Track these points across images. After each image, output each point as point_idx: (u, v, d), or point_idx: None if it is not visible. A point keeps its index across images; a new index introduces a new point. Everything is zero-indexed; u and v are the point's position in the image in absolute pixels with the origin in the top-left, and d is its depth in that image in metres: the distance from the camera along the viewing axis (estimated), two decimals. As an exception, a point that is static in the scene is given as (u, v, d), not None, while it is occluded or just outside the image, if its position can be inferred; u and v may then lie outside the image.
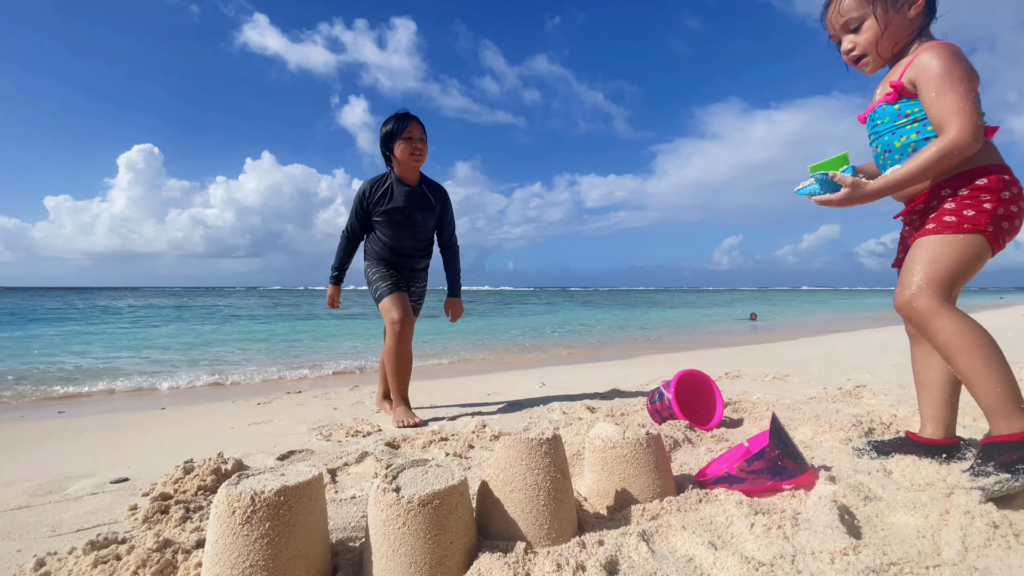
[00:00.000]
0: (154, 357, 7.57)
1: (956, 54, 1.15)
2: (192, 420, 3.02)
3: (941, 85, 1.11)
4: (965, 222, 1.16)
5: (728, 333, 10.65)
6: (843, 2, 1.27)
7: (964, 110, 1.09)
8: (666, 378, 2.46)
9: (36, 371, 6.02)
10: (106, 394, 4.57)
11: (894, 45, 1.24)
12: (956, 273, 1.16)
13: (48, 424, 3.10)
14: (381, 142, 2.61)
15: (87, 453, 2.18)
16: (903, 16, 1.22)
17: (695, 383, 2.01)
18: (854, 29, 1.27)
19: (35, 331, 12.53)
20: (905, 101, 1.21)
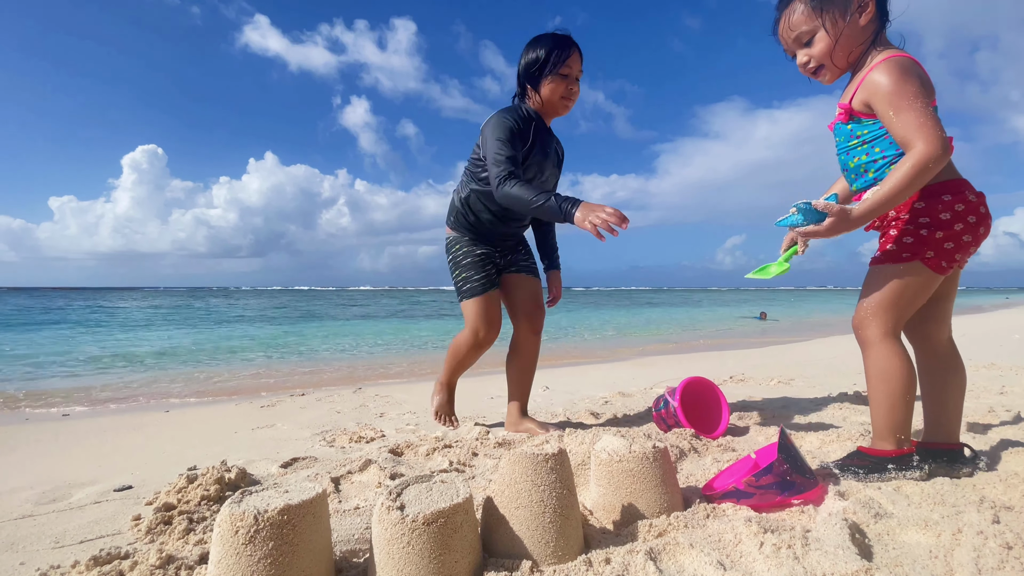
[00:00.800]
0: (157, 358, 7.59)
1: (905, 69, 1.12)
2: (196, 423, 3.02)
3: (897, 103, 1.09)
4: (904, 251, 1.17)
5: (736, 335, 10.61)
6: (792, 16, 1.25)
7: (926, 124, 1.07)
8: (671, 384, 2.45)
9: (41, 372, 6.05)
10: (110, 396, 4.58)
11: (848, 54, 1.23)
12: (900, 304, 1.18)
13: (52, 427, 3.10)
14: (523, 69, 1.97)
15: (91, 458, 2.18)
16: (854, 25, 1.20)
17: (701, 390, 2.00)
18: (806, 43, 1.25)
19: (40, 332, 12.59)
20: (856, 122, 1.20)
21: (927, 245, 1.15)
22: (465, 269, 2.10)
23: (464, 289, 2.10)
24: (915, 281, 1.17)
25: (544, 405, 3.01)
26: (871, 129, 1.18)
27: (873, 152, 1.19)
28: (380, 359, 6.85)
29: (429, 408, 2.77)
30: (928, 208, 1.16)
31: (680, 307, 26.67)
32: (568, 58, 1.91)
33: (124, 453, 2.26)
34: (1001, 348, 5.04)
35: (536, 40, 1.96)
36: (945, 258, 1.16)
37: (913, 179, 1.07)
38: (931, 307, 1.24)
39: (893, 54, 1.17)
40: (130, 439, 2.58)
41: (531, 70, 1.95)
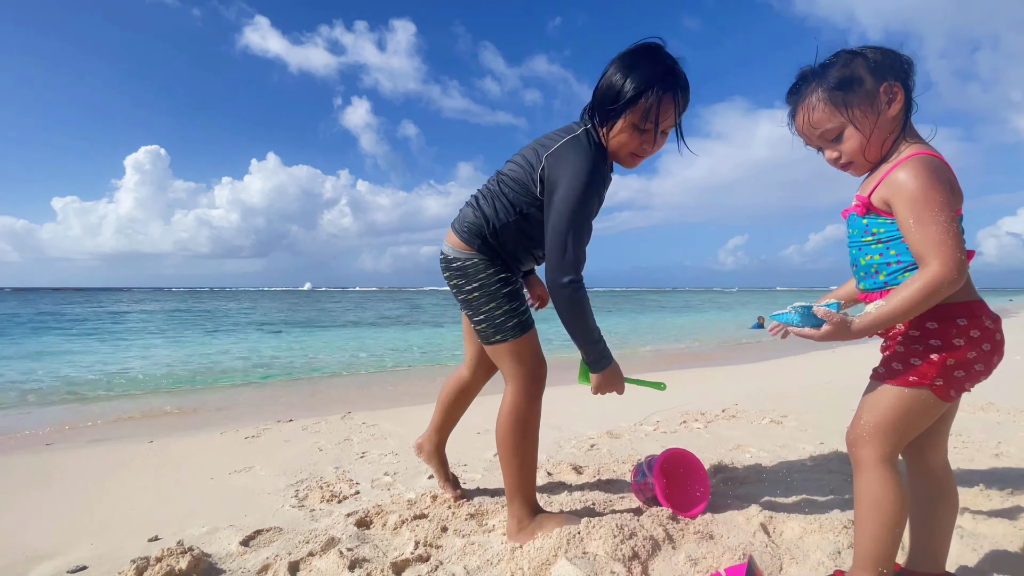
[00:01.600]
0: (150, 373, 7.58)
1: (935, 172, 1.03)
2: (177, 460, 2.98)
3: (919, 213, 1.00)
4: (912, 374, 1.09)
5: (734, 347, 10.52)
6: (813, 114, 1.15)
7: (946, 243, 0.98)
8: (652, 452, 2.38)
9: (36, 388, 6.03)
10: (99, 415, 4.55)
11: (882, 146, 1.13)
12: (901, 428, 1.11)
13: (31, 462, 3.06)
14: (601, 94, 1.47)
15: (56, 517, 2.13)
16: (885, 117, 1.10)
17: (681, 462, 1.93)
18: (834, 139, 1.16)
19: (40, 340, 12.63)
20: (873, 218, 1.12)
21: (937, 372, 1.07)
22: (506, 300, 1.64)
23: (509, 325, 1.63)
24: (920, 407, 1.10)
25: (529, 447, 2.94)
26: (888, 229, 1.10)
27: (888, 254, 1.11)
28: (374, 377, 6.80)
29: (411, 445, 2.72)
30: (941, 330, 1.07)
31: (681, 312, 26.58)
32: (662, 107, 1.41)
33: (92, 511, 2.21)
34: (1002, 376, 4.93)
35: (633, 61, 1.43)
36: (954, 387, 1.09)
37: (922, 300, 1.00)
38: (929, 428, 1.16)
39: (922, 151, 1.08)
40: (102, 488, 2.53)
41: (606, 103, 1.46)
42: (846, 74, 1.11)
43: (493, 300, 1.64)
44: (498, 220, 1.62)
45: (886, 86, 1.10)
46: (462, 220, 1.70)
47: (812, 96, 1.15)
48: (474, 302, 1.66)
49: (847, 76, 1.11)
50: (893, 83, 1.10)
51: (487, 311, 1.65)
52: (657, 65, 1.42)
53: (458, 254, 1.67)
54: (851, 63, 1.11)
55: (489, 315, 1.65)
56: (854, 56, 1.12)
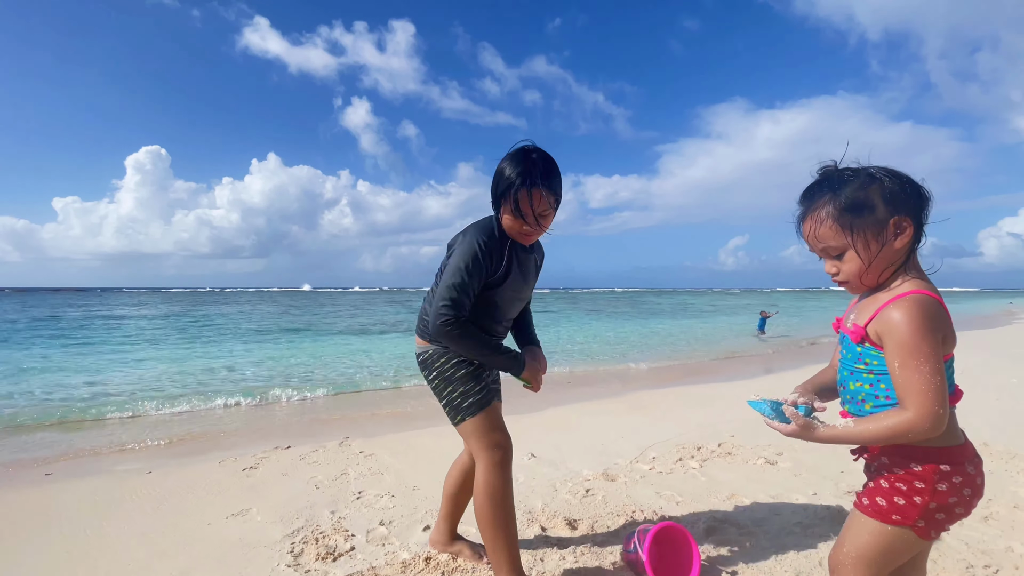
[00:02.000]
0: (144, 390, 7.62)
1: (929, 318, 1.03)
2: (174, 499, 3.00)
3: (905, 359, 1.02)
4: (895, 512, 1.10)
5: (735, 358, 10.52)
6: (819, 227, 1.15)
7: (926, 394, 1.00)
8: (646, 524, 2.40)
9: (33, 407, 6.06)
10: (94, 445, 4.58)
11: (880, 275, 1.13)
12: (882, 562, 1.13)
13: (31, 498, 3.09)
14: (492, 184, 1.75)
15: (56, 572, 2.16)
16: (889, 248, 1.10)
17: (673, 536, 1.94)
18: (835, 256, 1.16)
19: (34, 352, 12.67)
20: (867, 348, 1.12)
21: (919, 514, 1.09)
22: (461, 383, 1.80)
23: (465, 406, 1.79)
24: (901, 544, 1.12)
25: (524, 489, 2.96)
26: (881, 363, 1.10)
27: (878, 387, 1.11)
28: (371, 397, 6.82)
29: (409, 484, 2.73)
30: (925, 474, 1.09)
31: (681, 317, 26.58)
32: (528, 197, 1.67)
33: (92, 562, 2.24)
34: (998, 403, 4.94)
35: (510, 156, 1.71)
36: (935, 528, 1.11)
37: (888, 438, 1.05)
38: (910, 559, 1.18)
39: (920, 289, 1.08)
40: (104, 531, 2.55)
41: (494, 190, 1.74)
42: (860, 198, 1.10)
43: (449, 385, 1.82)
44: None
45: (896, 219, 1.09)
46: (419, 319, 1.93)
47: (823, 209, 1.14)
48: (435, 390, 1.86)
49: (860, 200, 1.10)
50: (904, 217, 1.09)
51: (446, 396, 1.83)
52: (520, 165, 1.69)
53: (420, 349, 1.90)
54: (867, 187, 1.10)
55: (448, 399, 1.82)
56: (872, 180, 1.10)
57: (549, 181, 1.70)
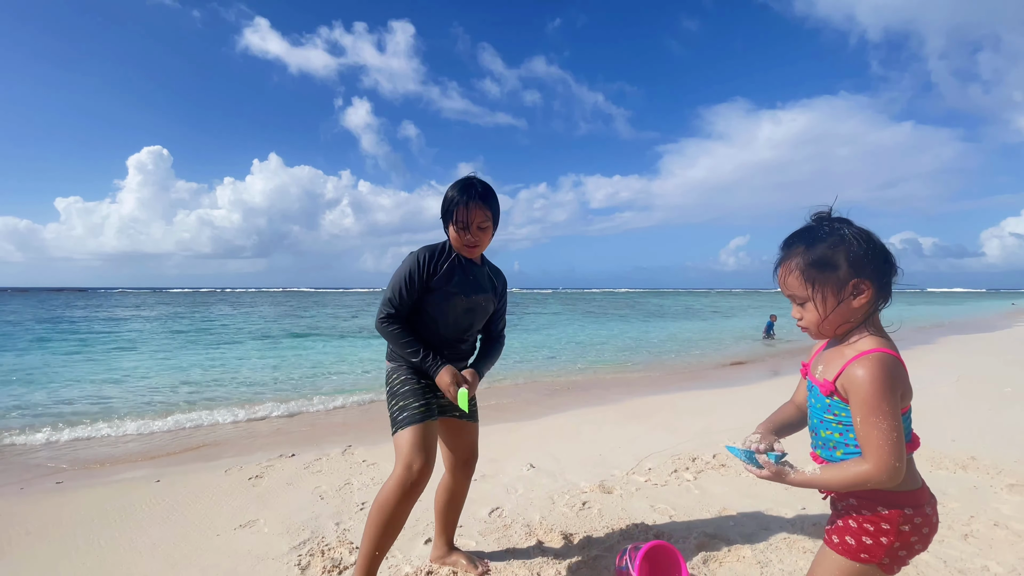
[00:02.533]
0: (161, 394, 7.72)
1: (890, 377, 1.12)
2: (182, 509, 3.09)
3: (866, 416, 1.12)
4: (863, 551, 1.20)
5: (740, 364, 10.57)
6: (787, 276, 1.25)
7: (883, 448, 1.10)
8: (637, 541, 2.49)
9: (39, 414, 6.15)
10: (104, 455, 4.67)
11: (836, 328, 1.24)
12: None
13: (43, 508, 3.19)
14: (441, 209, 2.03)
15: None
16: (846, 305, 1.20)
17: (663, 555, 2.03)
18: (799, 303, 1.27)
19: (45, 355, 12.80)
20: (835, 401, 1.21)
21: (884, 553, 1.19)
22: (403, 397, 1.95)
23: (400, 418, 1.91)
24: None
25: (523, 501, 3.05)
26: (848, 415, 1.19)
27: (848, 436, 1.20)
28: (373, 405, 6.91)
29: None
30: (891, 517, 1.19)
31: (684, 319, 26.61)
32: (469, 211, 1.95)
33: (107, 571, 2.33)
34: (989, 413, 5.02)
35: (454, 183, 2.03)
36: (898, 564, 1.21)
37: (849, 486, 1.16)
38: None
39: (880, 347, 1.16)
40: (116, 543, 2.65)
41: (442, 211, 2.04)
42: (826, 256, 1.20)
43: (394, 398, 2.00)
44: None
45: (856, 282, 1.18)
46: None
47: (793, 260, 1.24)
48: (387, 403, 2.05)
49: (826, 259, 1.20)
50: (863, 280, 1.18)
51: (390, 408, 2.01)
52: (461, 186, 1.99)
53: (386, 368, 2.14)
54: (836, 247, 1.19)
55: (391, 410, 1.99)
56: (842, 242, 1.19)
57: (486, 199, 1.99)
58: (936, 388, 6.37)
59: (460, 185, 1.99)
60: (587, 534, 2.57)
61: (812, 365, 1.33)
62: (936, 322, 20.24)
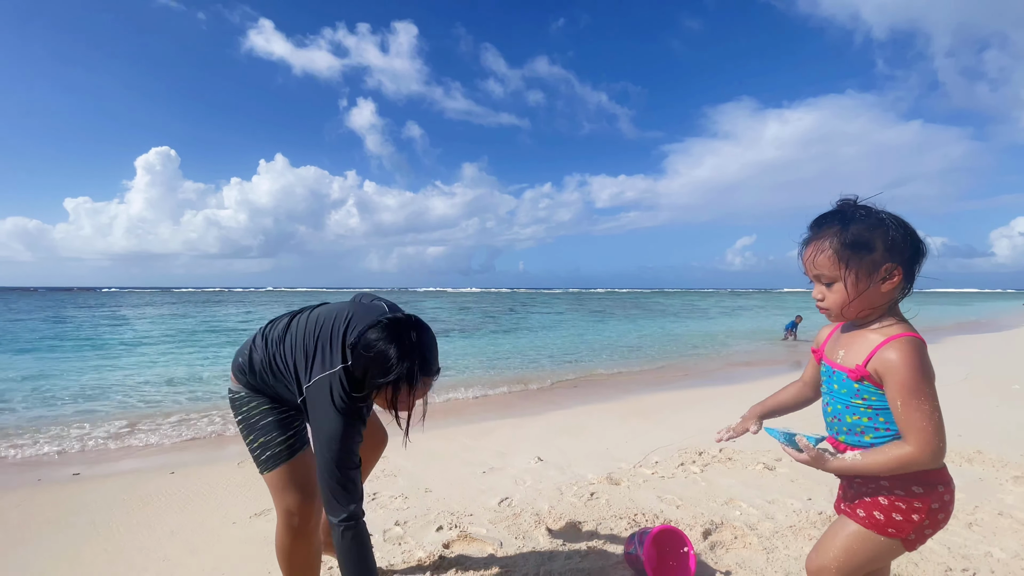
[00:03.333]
0: (172, 389, 7.82)
1: (923, 359, 1.15)
2: (198, 500, 3.16)
3: (907, 399, 1.13)
4: (891, 526, 1.21)
5: (746, 366, 10.56)
6: (818, 255, 1.23)
7: (927, 430, 1.11)
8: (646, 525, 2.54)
9: (53, 409, 6.26)
10: (117, 448, 4.76)
11: (859, 312, 1.24)
12: (865, 567, 1.24)
13: (61, 498, 3.26)
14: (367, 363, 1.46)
15: (96, 570, 2.32)
16: (875, 289, 1.20)
17: (671, 539, 2.08)
18: (826, 284, 1.26)
19: (45, 355, 12.95)
20: (865, 385, 1.21)
21: (913, 529, 1.20)
22: (264, 432, 1.66)
23: (264, 459, 1.65)
24: (887, 553, 1.23)
25: (532, 492, 3.10)
26: (880, 399, 1.19)
27: (877, 420, 1.20)
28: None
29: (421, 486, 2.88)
30: (925, 496, 1.20)
31: (697, 319, 26.56)
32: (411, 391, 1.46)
33: (127, 560, 2.40)
34: (997, 410, 5.03)
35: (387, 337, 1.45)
36: (921, 541, 1.23)
37: (893, 470, 1.15)
38: None
39: (909, 332, 1.18)
40: (135, 530, 2.72)
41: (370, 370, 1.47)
42: (864, 237, 1.18)
43: (252, 432, 1.68)
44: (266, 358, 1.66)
45: (888, 266, 1.18)
46: (235, 359, 1.77)
47: (826, 240, 1.21)
48: (241, 433, 1.72)
49: (863, 240, 1.18)
50: (896, 266, 1.18)
51: (249, 443, 1.69)
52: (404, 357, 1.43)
53: (230, 388, 1.77)
54: (875, 229, 1.18)
55: (250, 447, 1.68)
56: (880, 224, 1.18)
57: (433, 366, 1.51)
58: (945, 385, 6.34)
59: (402, 352, 1.43)
60: (596, 522, 2.62)
61: (828, 350, 1.33)
62: (946, 322, 20.14)
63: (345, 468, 1.47)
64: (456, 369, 9.02)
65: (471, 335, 15.60)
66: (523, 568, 2.16)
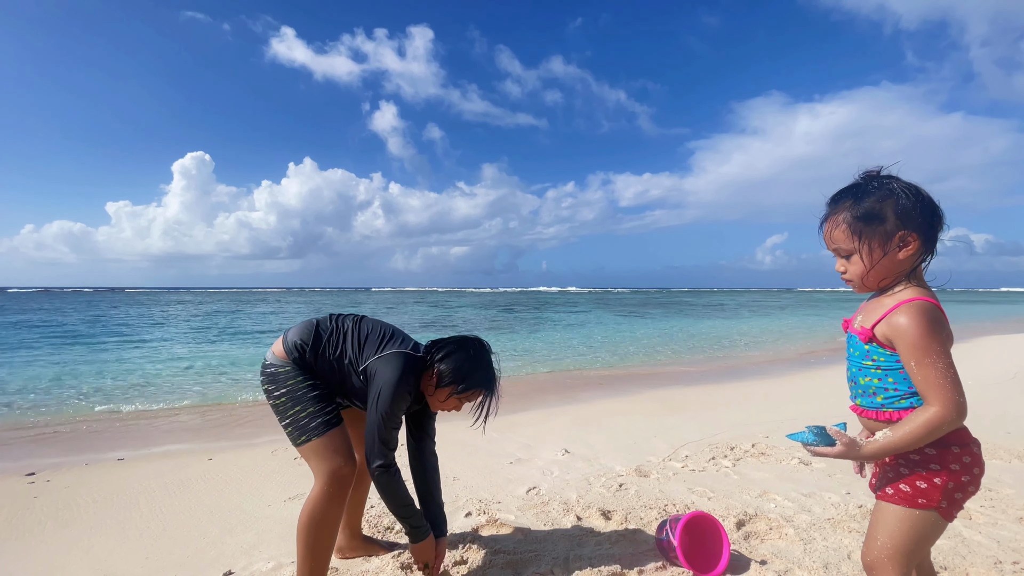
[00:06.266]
0: (205, 380, 8.06)
1: (933, 320, 1.13)
2: (234, 484, 3.25)
3: (920, 357, 1.12)
4: (919, 496, 1.19)
5: (777, 361, 10.32)
6: (834, 230, 1.27)
7: (945, 387, 1.10)
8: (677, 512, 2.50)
9: (93, 398, 6.53)
10: (160, 434, 4.93)
11: (880, 281, 1.25)
12: (913, 548, 1.21)
13: (107, 479, 3.40)
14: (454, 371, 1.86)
15: (140, 543, 2.41)
16: (892, 257, 1.21)
17: (704, 523, 2.04)
18: (845, 256, 1.28)
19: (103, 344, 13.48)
20: (874, 347, 1.22)
21: (940, 495, 1.18)
22: (312, 403, 1.80)
23: (312, 426, 1.78)
24: (930, 528, 1.21)
25: (559, 482, 3.09)
26: (888, 360, 1.20)
27: (886, 381, 1.21)
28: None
29: (449, 475, 2.90)
30: (939, 457, 1.18)
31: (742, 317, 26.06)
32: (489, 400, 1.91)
33: (172, 536, 2.49)
34: (1017, 425, 4.78)
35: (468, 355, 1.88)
36: (955, 508, 1.20)
37: (924, 436, 1.13)
38: None
39: (921, 296, 1.18)
40: (177, 510, 2.82)
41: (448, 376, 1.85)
42: (875, 209, 1.21)
43: (295, 404, 1.80)
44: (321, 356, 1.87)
45: (903, 234, 1.19)
46: (287, 333, 1.91)
47: (841, 214, 1.26)
48: (280, 407, 1.83)
49: (874, 212, 1.21)
50: (910, 233, 1.19)
51: (292, 415, 1.80)
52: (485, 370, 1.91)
53: (275, 361, 1.87)
54: (884, 200, 1.21)
55: (294, 418, 1.79)
56: (890, 195, 1.20)
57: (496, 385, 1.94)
58: (993, 385, 6.12)
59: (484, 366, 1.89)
60: (625, 512, 2.59)
61: (853, 319, 1.34)
62: (992, 320, 19.29)
63: (390, 427, 1.78)
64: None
65: (495, 332, 15.64)
66: (553, 552, 2.16)
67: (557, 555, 2.13)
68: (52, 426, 5.08)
